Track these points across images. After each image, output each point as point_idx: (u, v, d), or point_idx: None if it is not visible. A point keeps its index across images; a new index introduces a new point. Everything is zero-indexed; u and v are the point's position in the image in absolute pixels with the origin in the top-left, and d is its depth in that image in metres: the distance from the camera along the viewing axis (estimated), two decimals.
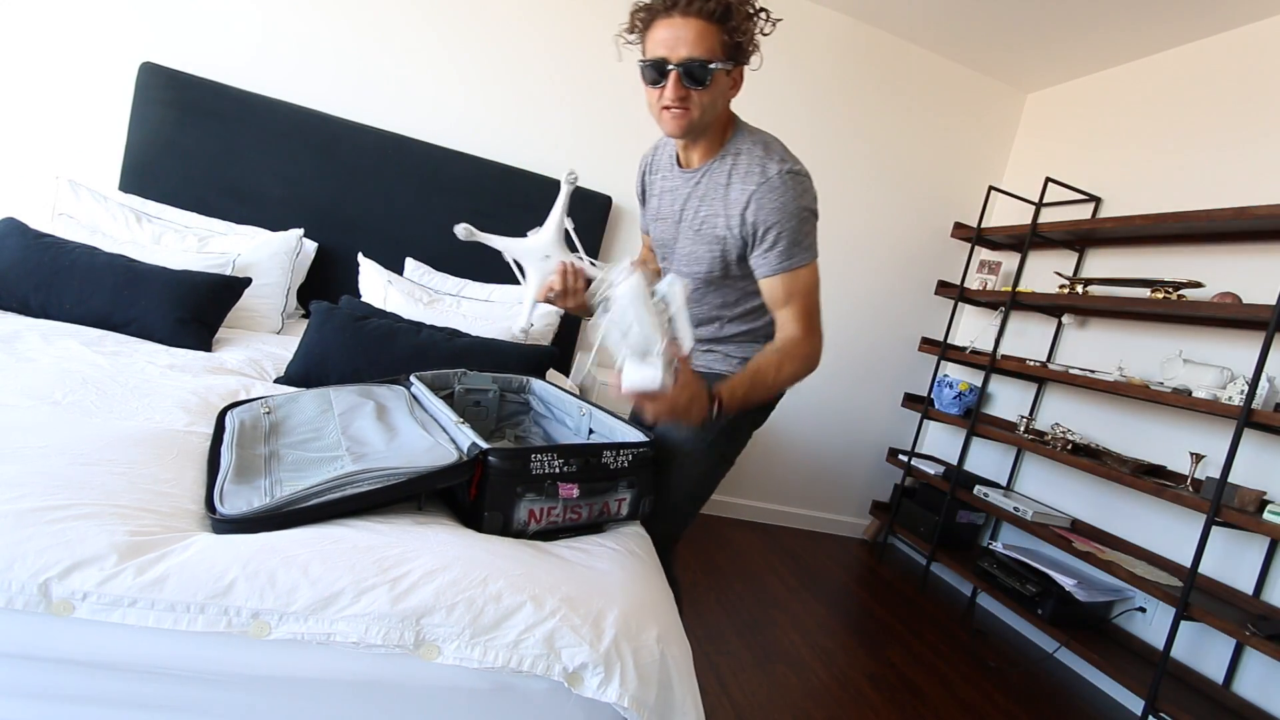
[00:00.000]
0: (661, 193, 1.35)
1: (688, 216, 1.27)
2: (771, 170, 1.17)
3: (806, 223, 1.19)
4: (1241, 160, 2.41)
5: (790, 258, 1.19)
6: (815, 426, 3.47)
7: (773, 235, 1.17)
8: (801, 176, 1.18)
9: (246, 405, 1.34)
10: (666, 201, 1.33)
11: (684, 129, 1.17)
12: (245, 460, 1.07)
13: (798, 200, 1.17)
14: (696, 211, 1.25)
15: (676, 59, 1.10)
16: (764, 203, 1.16)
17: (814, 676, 2.08)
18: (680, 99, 1.13)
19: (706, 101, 1.14)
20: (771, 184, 1.16)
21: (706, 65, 1.10)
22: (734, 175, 1.20)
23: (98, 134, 2.52)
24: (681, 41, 1.09)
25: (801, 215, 1.17)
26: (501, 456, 1.03)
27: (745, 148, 1.20)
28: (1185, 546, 2.28)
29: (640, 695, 0.84)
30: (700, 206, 1.25)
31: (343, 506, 0.95)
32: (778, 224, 1.16)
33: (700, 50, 1.09)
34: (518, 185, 2.84)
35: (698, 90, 1.12)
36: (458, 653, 0.79)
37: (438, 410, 1.23)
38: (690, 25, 1.08)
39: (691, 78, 1.11)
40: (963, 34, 3.10)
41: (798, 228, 1.17)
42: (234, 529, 0.88)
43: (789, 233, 1.17)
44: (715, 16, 1.08)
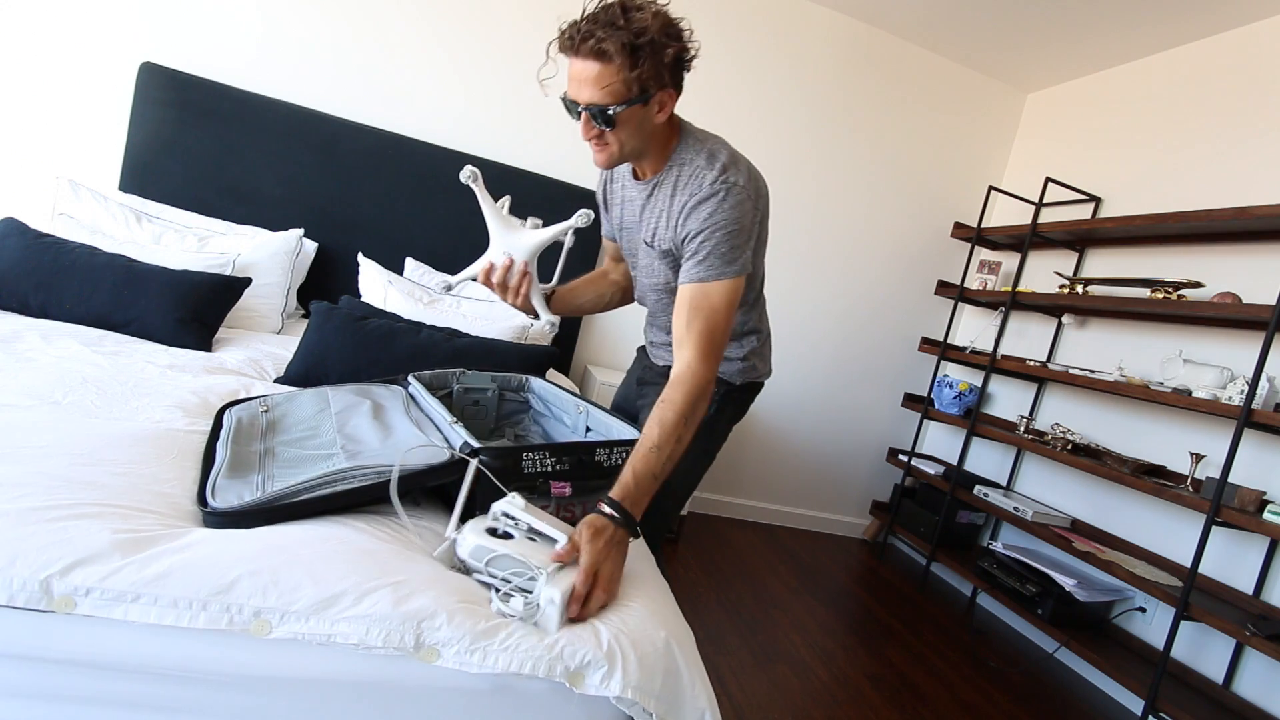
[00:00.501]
0: (623, 202, 1.33)
1: (643, 229, 1.27)
2: (707, 181, 1.14)
3: (734, 237, 1.13)
4: (1241, 160, 2.41)
5: (709, 269, 1.13)
6: (815, 426, 3.47)
7: (696, 244, 1.14)
8: (738, 188, 1.14)
9: (245, 403, 1.35)
10: (628, 212, 1.32)
11: (606, 163, 1.17)
12: (240, 456, 1.08)
13: (729, 212, 1.13)
14: (649, 224, 1.25)
15: (582, 102, 1.06)
16: (696, 213, 1.14)
17: (814, 676, 2.08)
18: (595, 137, 1.11)
19: (623, 137, 1.11)
20: (704, 195, 1.14)
21: (606, 111, 1.05)
22: (677, 187, 1.18)
23: (98, 134, 2.52)
24: (584, 84, 1.05)
25: (734, 228, 1.13)
26: (493, 455, 1.03)
27: (689, 158, 1.18)
28: (1185, 546, 2.28)
29: (644, 684, 0.83)
30: (651, 219, 1.24)
31: (333, 502, 0.95)
32: (703, 235, 1.13)
33: (600, 95, 1.05)
34: (518, 185, 2.84)
35: (609, 129, 1.09)
36: (457, 658, 0.79)
37: (433, 410, 1.23)
38: (589, 68, 1.03)
39: (599, 120, 1.07)
40: (963, 34, 3.10)
41: (722, 240, 1.13)
42: (224, 523, 0.89)
43: (711, 245, 1.13)
44: (609, 58, 1.02)
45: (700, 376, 1.10)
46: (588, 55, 1.02)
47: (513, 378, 1.57)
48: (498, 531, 0.94)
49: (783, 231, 3.30)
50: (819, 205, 3.32)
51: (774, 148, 3.21)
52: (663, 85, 1.10)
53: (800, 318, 3.38)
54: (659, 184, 1.22)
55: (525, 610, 0.85)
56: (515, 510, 0.94)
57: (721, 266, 1.14)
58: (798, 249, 3.33)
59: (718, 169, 1.15)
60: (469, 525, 0.94)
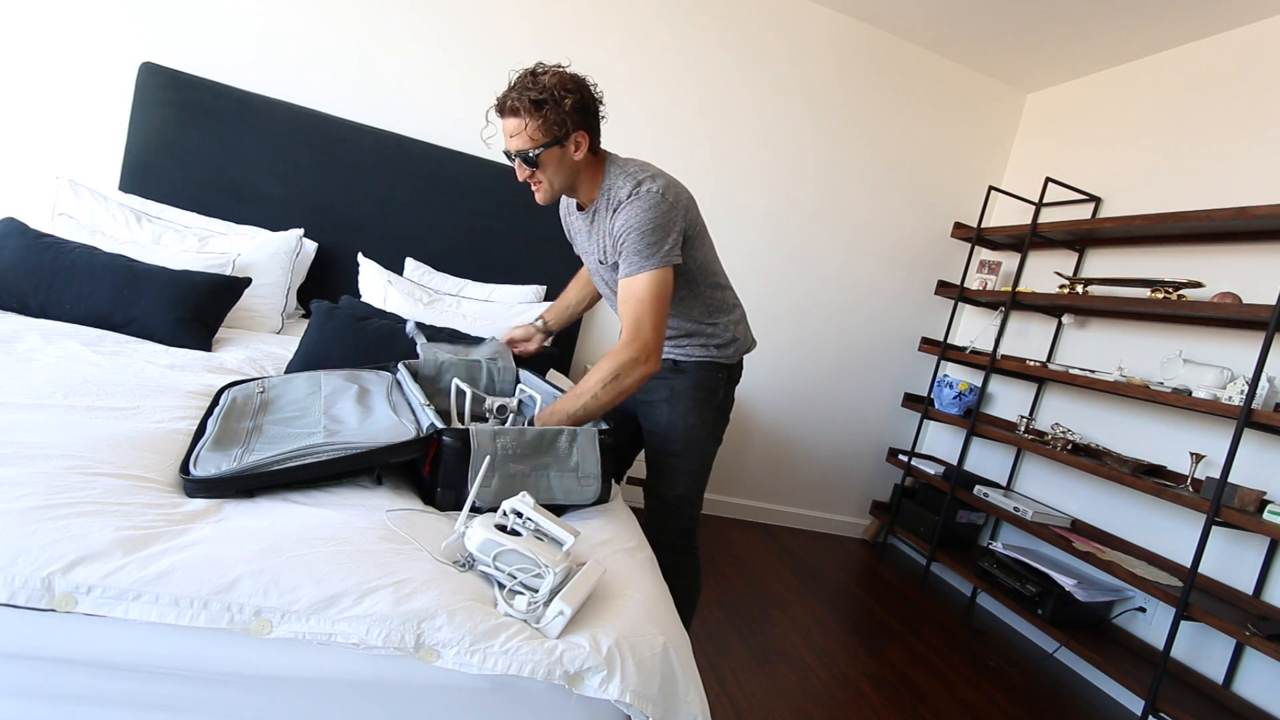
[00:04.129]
0: (577, 231, 1.53)
1: (594, 250, 1.46)
2: (624, 194, 1.34)
3: (655, 233, 1.31)
4: (1241, 160, 2.42)
5: (629, 265, 1.33)
6: (815, 426, 3.47)
7: (620, 246, 1.34)
8: (650, 194, 1.33)
9: (243, 384, 1.43)
10: (580, 239, 1.53)
11: (545, 198, 1.39)
12: (227, 431, 1.15)
13: (642, 214, 1.31)
14: (599, 245, 1.43)
15: (511, 150, 1.32)
16: (615, 220, 1.35)
17: (814, 676, 2.08)
18: (529, 178, 1.36)
19: (550, 174, 1.34)
20: (621, 204, 1.34)
21: (528, 154, 1.30)
22: (608, 207, 1.38)
23: (98, 134, 2.52)
24: (510, 135, 1.31)
25: (649, 227, 1.31)
26: (454, 436, 1.11)
27: (615, 183, 1.37)
28: (1185, 546, 2.28)
29: (642, 689, 0.84)
30: (599, 240, 1.43)
31: (301, 474, 1.02)
32: (625, 236, 1.33)
33: (520, 142, 1.30)
34: (518, 185, 2.84)
35: (536, 169, 1.33)
36: (457, 659, 0.79)
37: (411, 393, 1.33)
38: (509, 123, 1.30)
39: (526, 162, 1.32)
40: (963, 34, 3.10)
41: (639, 239, 1.31)
42: (201, 490, 0.96)
43: (631, 243, 1.32)
44: (522, 113, 1.27)
45: (627, 353, 1.30)
46: (508, 114, 1.30)
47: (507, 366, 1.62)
48: (506, 528, 0.95)
49: (783, 231, 3.30)
50: (819, 205, 3.32)
51: (774, 148, 3.21)
52: (574, 129, 1.31)
53: (800, 317, 3.38)
54: (596, 210, 1.42)
55: (529, 610, 0.85)
56: (525, 509, 0.96)
57: (640, 261, 1.32)
58: (798, 249, 3.33)
59: (632, 183, 1.35)
60: (478, 520, 0.95)
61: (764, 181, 3.23)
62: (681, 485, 1.54)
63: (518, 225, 2.85)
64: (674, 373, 1.52)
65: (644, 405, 1.58)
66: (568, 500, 1.21)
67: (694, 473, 1.55)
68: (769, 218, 3.26)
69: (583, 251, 1.54)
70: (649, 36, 2.97)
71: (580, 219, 1.47)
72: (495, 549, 0.91)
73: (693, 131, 3.09)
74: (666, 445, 1.54)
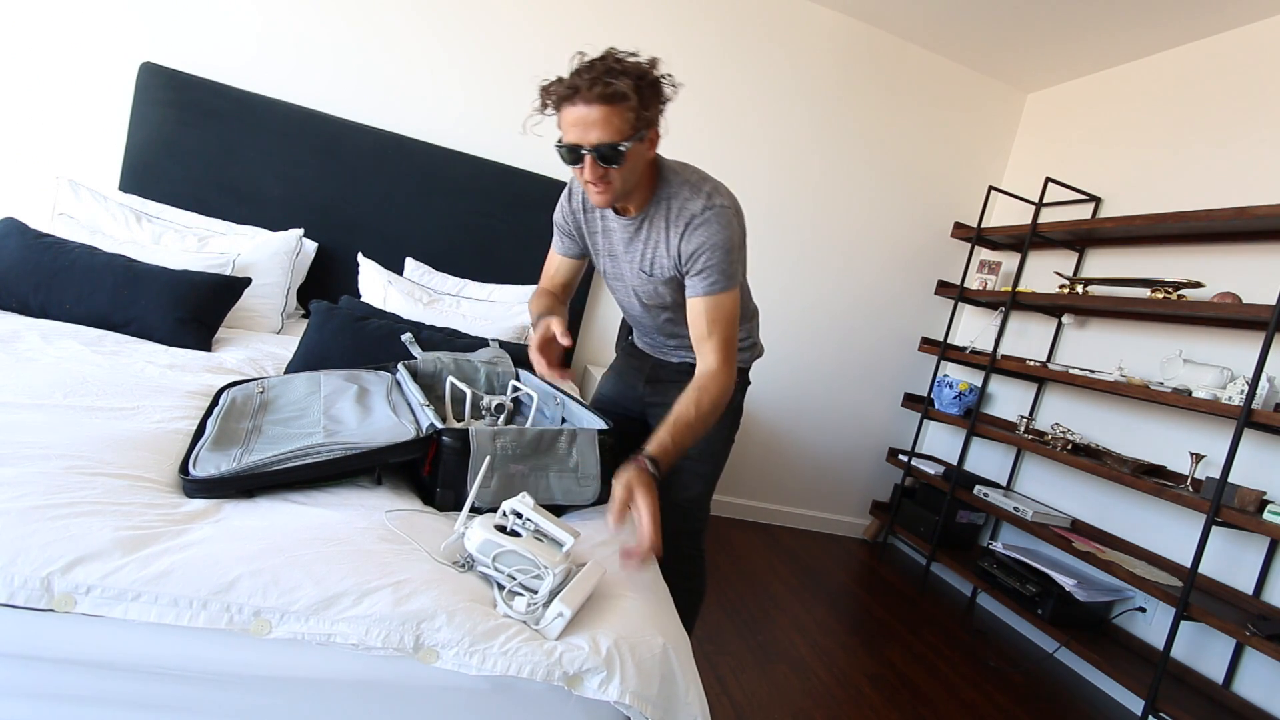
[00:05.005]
0: (605, 231, 1.41)
1: (636, 259, 1.37)
2: (698, 207, 1.26)
3: (731, 253, 1.28)
4: (1241, 160, 2.41)
5: (715, 284, 1.28)
6: (815, 426, 3.47)
7: (701, 262, 1.27)
8: (725, 209, 1.27)
9: (243, 384, 1.43)
10: (612, 240, 1.41)
11: (609, 202, 1.25)
12: (227, 431, 1.15)
13: (723, 232, 1.26)
14: (645, 256, 1.35)
15: (588, 144, 1.13)
16: (694, 237, 1.27)
17: (814, 676, 2.08)
18: (600, 178, 1.18)
19: (625, 173, 1.19)
20: (699, 220, 1.26)
21: (617, 147, 1.13)
22: (670, 219, 1.29)
23: (98, 134, 2.52)
24: (590, 126, 1.12)
25: (727, 245, 1.26)
26: (454, 436, 1.10)
27: (675, 191, 1.29)
28: (1185, 546, 2.28)
29: (642, 690, 0.84)
30: (647, 251, 1.35)
31: (300, 474, 1.01)
32: (706, 253, 1.26)
33: (608, 134, 1.12)
34: (518, 185, 2.84)
35: (615, 168, 1.17)
36: (456, 660, 0.79)
37: (410, 394, 1.32)
38: (595, 110, 1.11)
39: (606, 159, 1.15)
40: (963, 34, 3.10)
41: (724, 258, 1.26)
42: (201, 490, 0.96)
43: (716, 262, 1.26)
44: (617, 99, 1.10)
45: (726, 378, 1.27)
46: (595, 100, 1.10)
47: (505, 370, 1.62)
48: (506, 529, 0.95)
49: (783, 231, 3.30)
50: (819, 205, 3.32)
51: (774, 148, 3.21)
52: (654, 124, 1.20)
53: (801, 317, 3.38)
54: (648, 218, 1.32)
55: (529, 612, 0.85)
56: (525, 509, 0.96)
57: (725, 280, 1.28)
58: (798, 249, 3.33)
59: (703, 197, 1.27)
60: (477, 521, 0.95)
61: (764, 181, 3.23)
62: (695, 488, 1.54)
63: (518, 225, 2.85)
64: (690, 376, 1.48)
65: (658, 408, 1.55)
66: (567, 500, 1.21)
67: (707, 476, 1.55)
68: (769, 218, 3.26)
69: (611, 255, 1.43)
70: (649, 36, 2.97)
71: (619, 224, 1.36)
72: (495, 550, 0.91)
73: (693, 131, 3.09)
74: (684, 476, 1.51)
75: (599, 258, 1.48)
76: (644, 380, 1.61)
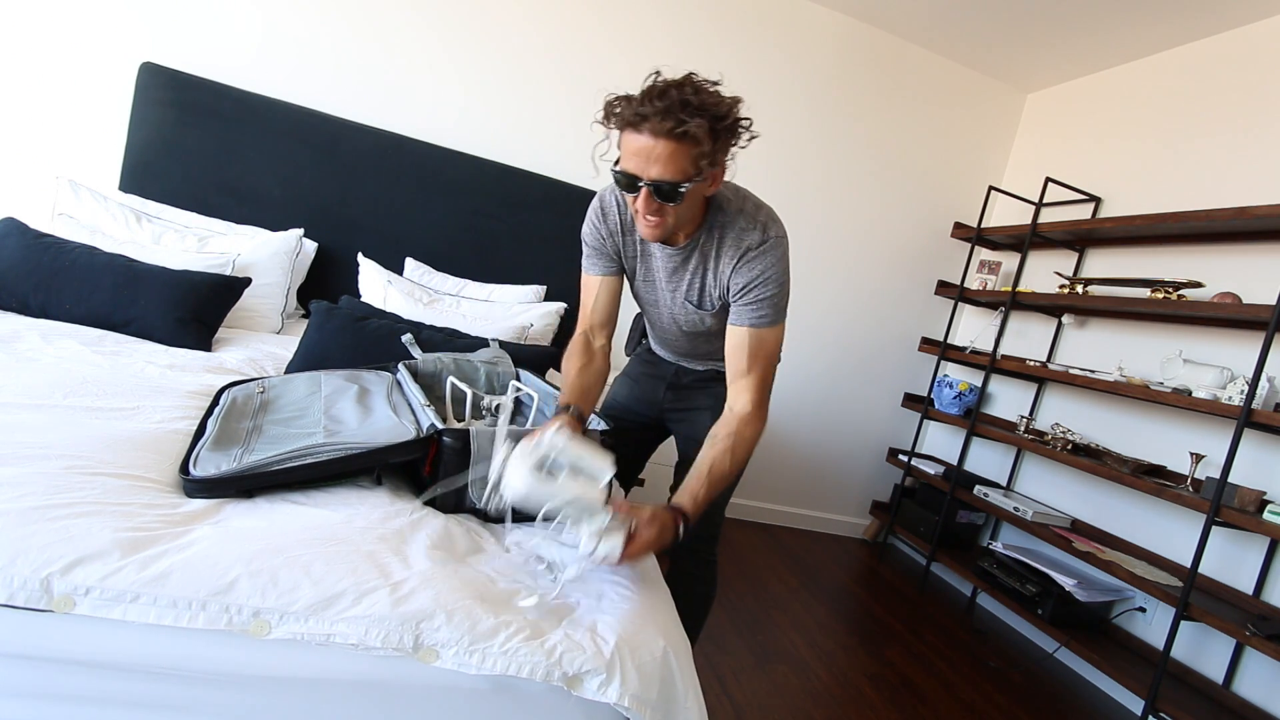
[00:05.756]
0: (645, 256, 1.34)
1: (682, 289, 1.31)
2: (754, 239, 1.21)
3: (784, 287, 1.24)
4: (1241, 160, 2.41)
5: (764, 318, 1.23)
6: (815, 426, 3.47)
7: (753, 295, 1.22)
8: (781, 240, 1.24)
9: (244, 384, 1.43)
10: (653, 265, 1.34)
11: (659, 237, 1.18)
12: (227, 431, 1.15)
13: (778, 265, 1.22)
14: (692, 286, 1.30)
15: (648, 178, 1.05)
16: (748, 269, 1.22)
17: (814, 676, 2.08)
18: (654, 212, 1.10)
19: (681, 210, 1.13)
20: (755, 251, 1.21)
21: (678, 187, 1.05)
22: (721, 248, 1.24)
23: (98, 134, 2.52)
24: (653, 160, 1.03)
25: (782, 279, 1.23)
26: (454, 436, 1.10)
27: (729, 220, 1.23)
28: (1185, 546, 2.28)
29: (641, 693, 0.84)
30: (695, 281, 1.29)
31: (300, 474, 1.01)
32: (759, 286, 1.22)
33: (671, 172, 1.04)
34: (518, 185, 2.84)
35: (671, 205, 1.09)
36: (456, 659, 0.79)
37: (411, 394, 1.32)
38: (660, 144, 1.02)
39: (664, 197, 1.07)
40: (963, 34, 3.10)
41: (776, 292, 1.23)
42: (201, 490, 0.96)
43: (769, 296, 1.22)
44: (687, 138, 1.01)
45: (760, 423, 1.23)
46: (663, 135, 1.01)
47: (506, 370, 1.63)
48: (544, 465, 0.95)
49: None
50: (819, 205, 3.32)
51: (774, 148, 3.21)
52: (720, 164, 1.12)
53: (800, 317, 3.37)
54: (698, 245, 1.25)
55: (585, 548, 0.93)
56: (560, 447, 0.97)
57: (775, 315, 1.24)
58: (797, 249, 3.30)
59: (759, 228, 1.22)
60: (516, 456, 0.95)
61: (764, 181, 3.20)
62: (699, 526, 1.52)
63: (518, 225, 2.85)
64: (717, 381, 1.49)
65: (681, 413, 1.55)
66: None
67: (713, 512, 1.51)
68: None
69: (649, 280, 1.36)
70: (649, 36, 2.97)
71: (663, 252, 1.29)
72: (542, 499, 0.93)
73: None
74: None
75: (635, 281, 1.41)
76: (666, 386, 1.57)
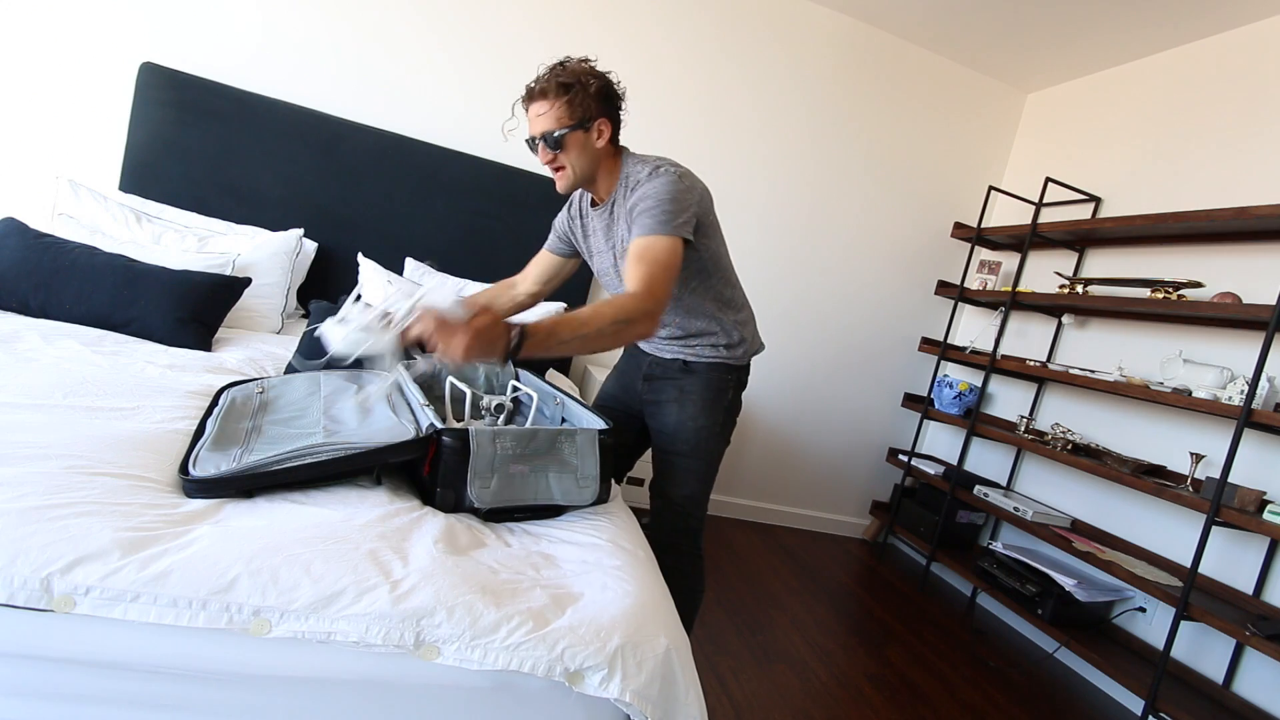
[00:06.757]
0: (592, 232, 1.53)
1: (614, 245, 1.47)
2: (644, 174, 1.37)
3: (672, 204, 1.31)
4: (1241, 160, 2.41)
5: (644, 228, 1.31)
6: (815, 426, 3.47)
7: (638, 210, 1.34)
8: (671, 171, 1.36)
9: (243, 385, 1.43)
10: (597, 239, 1.52)
11: (568, 184, 1.41)
12: (227, 432, 1.15)
13: (666, 188, 1.33)
14: (618, 235, 1.44)
15: (536, 133, 1.37)
16: (637, 193, 1.36)
17: (814, 676, 2.08)
18: (551, 161, 1.38)
19: (573, 158, 1.37)
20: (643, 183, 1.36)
21: (554, 134, 1.34)
22: (627, 192, 1.40)
23: (98, 134, 2.52)
24: (536, 120, 1.36)
25: (666, 197, 1.32)
26: (454, 436, 1.10)
27: (633, 170, 1.40)
28: (1185, 546, 2.28)
29: (643, 690, 0.84)
30: (618, 231, 1.44)
31: (300, 474, 1.02)
32: (645, 202, 1.33)
33: (545, 123, 1.35)
34: (518, 185, 2.84)
35: (561, 152, 1.36)
36: (458, 654, 0.79)
37: (410, 394, 1.33)
38: (537, 106, 1.36)
39: (551, 145, 1.35)
40: (963, 34, 3.10)
41: (660, 206, 1.31)
42: (201, 490, 0.96)
43: (652, 209, 1.31)
44: (550, 95, 1.33)
45: (639, 303, 1.22)
46: (536, 98, 1.35)
47: (505, 370, 1.64)
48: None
49: (783, 231, 3.30)
50: (819, 205, 3.32)
51: (774, 148, 3.21)
52: (598, 115, 1.36)
53: (800, 317, 3.38)
54: (615, 200, 1.43)
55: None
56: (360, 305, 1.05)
57: (654, 225, 1.30)
58: (798, 249, 3.33)
59: (650, 166, 1.38)
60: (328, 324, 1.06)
61: (763, 181, 3.23)
62: (689, 485, 1.54)
63: (518, 225, 2.85)
64: (683, 373, 1.53)
65: (652, 405, 1.58)
66: (566, 501, 1.21)
67: (701, 473, 1.55)
68: (768, 218, 3.26)
69: (598, 253, 1.54)
70: (648, 37, 2.97)
71: (597, 217, 1.48)
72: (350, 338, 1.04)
73: (692, 131, 3.09)
74: (675, 445, 1.53)
75: (591, 260, 1.59)
76: (641, 378, 1.61)
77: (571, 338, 1.14)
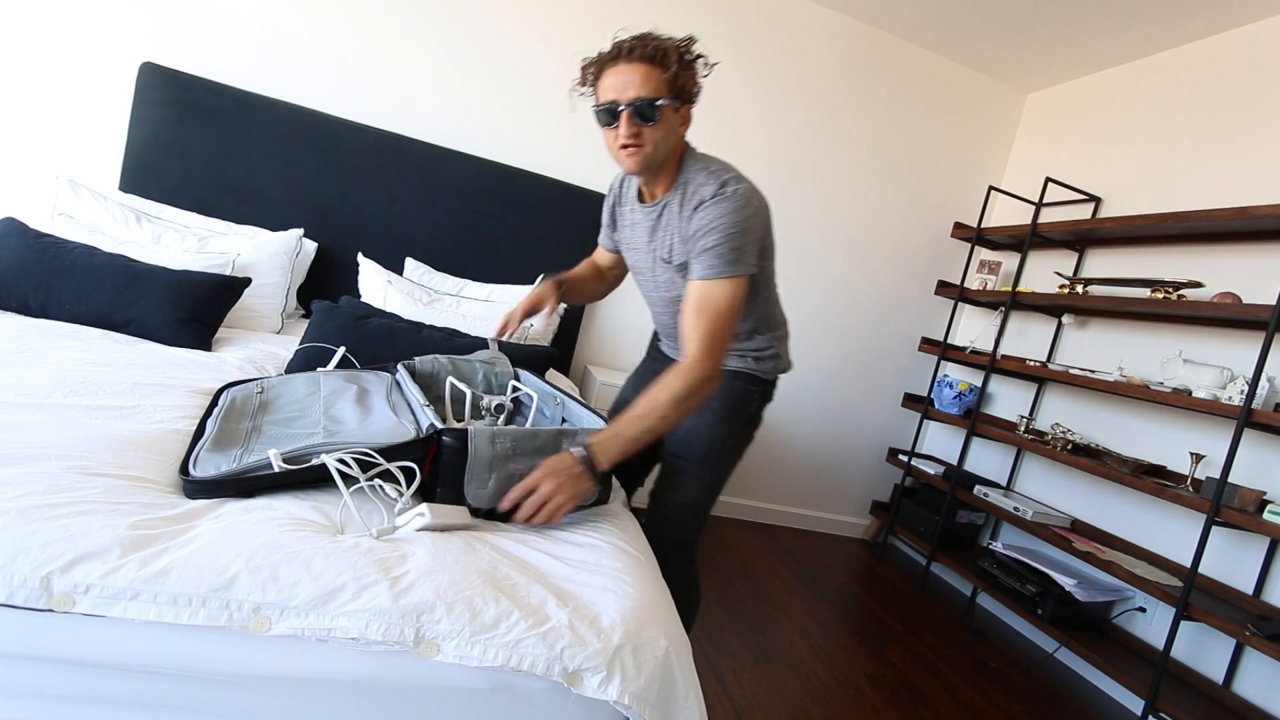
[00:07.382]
0: (631, 224, 1.44)
1: (656, 248, 1.37)
2: (711, 190, 1.24)
3: (740, 238, 1.23)
4: (1241, 160, 2.41)
5: (711, 268, 1.23)
6: (815, 426, 3.47)
7: (700, 242, 1.24)
8: (737, 195, 1.24)
9: (242, 385, 1.43)
10: (636, 233, 1.42)
11: (640, 165, 1.26)
12: (226, 432, 1.15)
13: (731, 215, 1.22)
14: (663, 242, 1.34)
15: (626, 100, 1.20)
16: (700, 216, 1.24)
17: (814, 676, 2.08)
18: (633, 135, 1.22)
19: (658, 137, 1.23)
20: (708, 200, 1.24)
21: (653, 103, 1.20)
22: (685, 203, 1.28)
23: (98, 134, 2.52)
24: (629, 84, 1.20)
25: (734, 231, 1.22)
26: (454, 436, 1.10)
27: (693, 177, 1.29)
28: (1185, 546, 2.28)
29: (642, 692, 0.83)
30: (664, 237, 1.34)
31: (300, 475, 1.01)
32: (706, 235, 1.23)
33: (646, 90, 1.20)
34: (518, 185, 2.85)
35: (649, 127, 1.22)
36: (457, 650, 0.79)
37: (411, 395, 1.32)
38: (636, 69, 1.20)
39: (641, 115, 1.21)
40: (963, 34, 3.10)
41: (727, 242, 1.22)
42: (201, 491, 0.96)
43: (718, 245, 1.22)
44: (657, 60, 1.19)
45: (701, 371, 1.20)
46: (638, 59, 1.20)
47: (504, 371, 1.62)
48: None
49: (783, 232, 3.27)
50: (819, 205, 3.32)
51: (774, 148, 3.21)
52: (690, 99, 1.26)
53: (801, 317, 3.37)
54: (667, 204, 1.32)
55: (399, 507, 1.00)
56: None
57: (722, 266, 1.22)
58: (798, 249, 3.33)
59: (717, 181, 1.25)
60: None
61: (763, 181, 3.19)
62: (691, 494, 1.45)
63: (518, 225, 2.85)
64: None
65: None
66: None
67: (707, 483, 1.46)
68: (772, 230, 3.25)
69: (634, 248, 1.44)
70: None
71: (643, 212, 1.38)
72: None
73: (692, 131, 3.07)
74: (685, 450, 1.44)
75: (626, 253, 1.50)
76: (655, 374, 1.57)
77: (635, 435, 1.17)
